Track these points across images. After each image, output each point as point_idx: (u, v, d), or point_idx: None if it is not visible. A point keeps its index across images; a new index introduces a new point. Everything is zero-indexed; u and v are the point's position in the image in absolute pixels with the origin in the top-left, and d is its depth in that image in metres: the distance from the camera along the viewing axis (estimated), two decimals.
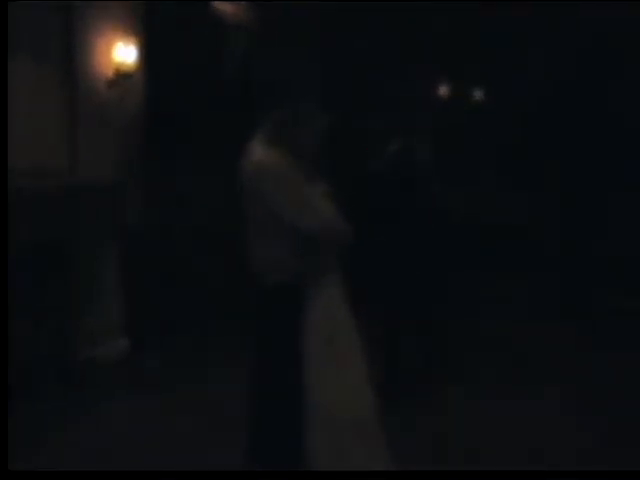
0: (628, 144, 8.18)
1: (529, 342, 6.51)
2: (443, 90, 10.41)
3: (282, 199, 3.07)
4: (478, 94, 10.45)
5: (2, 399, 3.39)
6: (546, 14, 8.39)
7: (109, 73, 5.96)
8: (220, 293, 6.50)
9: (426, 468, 3.87)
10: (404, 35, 8.84)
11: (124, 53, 5.98)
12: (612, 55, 8.15)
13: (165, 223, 6.48)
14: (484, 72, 9.90)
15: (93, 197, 5.69)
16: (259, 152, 3.17)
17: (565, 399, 5.09)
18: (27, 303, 5.19)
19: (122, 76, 6.00)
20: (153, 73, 6.34)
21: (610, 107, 8.25)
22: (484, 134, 9.87)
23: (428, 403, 4.98)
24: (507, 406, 4.94)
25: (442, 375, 5.44)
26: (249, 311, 3.32)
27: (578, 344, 6.42)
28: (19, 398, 4.72)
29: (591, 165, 8.43)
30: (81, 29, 5.71)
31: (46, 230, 5.29)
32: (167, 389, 5.25)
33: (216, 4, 7.19)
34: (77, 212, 5.55)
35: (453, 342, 6.07)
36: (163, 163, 6.51)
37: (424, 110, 9.21)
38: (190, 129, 6.68)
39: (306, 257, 3.20)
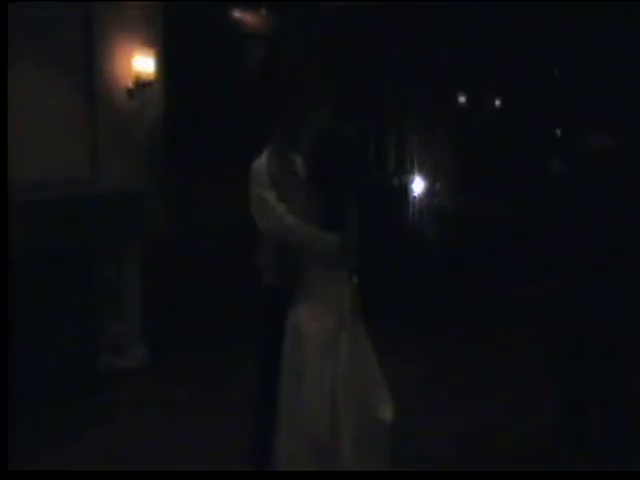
0: None
1: None
2: (461, 99, 10.39)
3: (252, 201, 3.41)
4: (497, 103, 10.43)
5: (2, 399, 3.40)
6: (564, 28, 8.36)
7: (129, 83, 6.00)
8: (242, 300, 6.49)
9: None
10: (422, 45, 8.83)
11: (143, 63, 6.01)
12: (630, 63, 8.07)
13: (185, 231, 6.50)
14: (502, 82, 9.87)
15: (114, 206, 5.72)
16: (259, 158, 3.47)
17: None
18: (48, 311, 5.22)
19: (142, 86, 6.03)
20: (172, 82, 6.37)
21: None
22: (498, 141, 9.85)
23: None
24: None
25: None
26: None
27: None
28: (40, 405, 4.77)
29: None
30: (101, 40, 5.77)
31: (68, 239, 5.32)
32: (185, 397, 5.25)
33: (235, 13, 7.23)
34: (98, 221, 5.59)
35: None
36: (183, 171, 6.53)
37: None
38: (210, 137, 6.70)
39: (286, 262, 3.35)
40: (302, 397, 3.23)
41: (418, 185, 9.63)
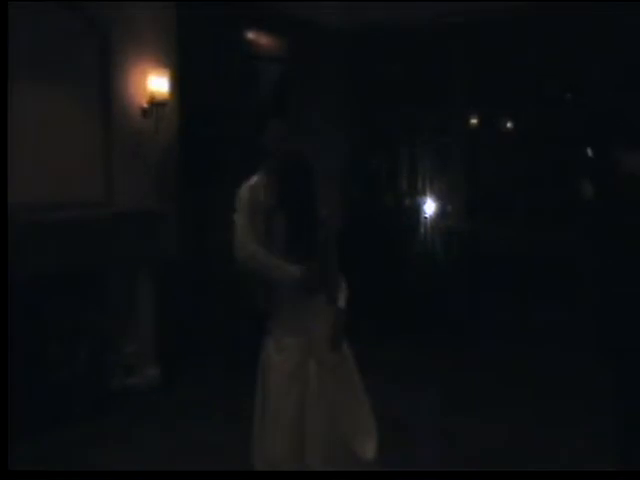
0: None
1: None
2: (473, 121, 10.37)
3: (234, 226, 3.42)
4: (509, 125, 10.39)
5: (2, 399, 3.38)
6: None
7: (143, 103, 6.01)
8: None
9: None
10: (434, 65, 8.84)
11: (158, 83, 6.03)
12: None
13: (199, 251, 6.48)
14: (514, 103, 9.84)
15: (127, 226, 5.71)
16: (246, 183, 3.50)
17: None
18: (61, 331, 5.21)
19: (156, 106, 6.04)
20: (187, 102, 6.39)
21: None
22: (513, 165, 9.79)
23: None
24: None
25: None
26: None
27: None
28: (53, 424, 4.72)
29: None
30: (116, 60, 5.80)
31: (81, 259, 5.32)
32: (197, 418, 5.19)
33: (249, 35, 7.28)
34: (111, 241, 5.58)
35: None
36: (197, 192, 6.53)
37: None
38: (223, 158, 6.71)
39: (260, 291, 3.43)
40: (265, 428, 3.27)
41: (429, 208, 9.59)
